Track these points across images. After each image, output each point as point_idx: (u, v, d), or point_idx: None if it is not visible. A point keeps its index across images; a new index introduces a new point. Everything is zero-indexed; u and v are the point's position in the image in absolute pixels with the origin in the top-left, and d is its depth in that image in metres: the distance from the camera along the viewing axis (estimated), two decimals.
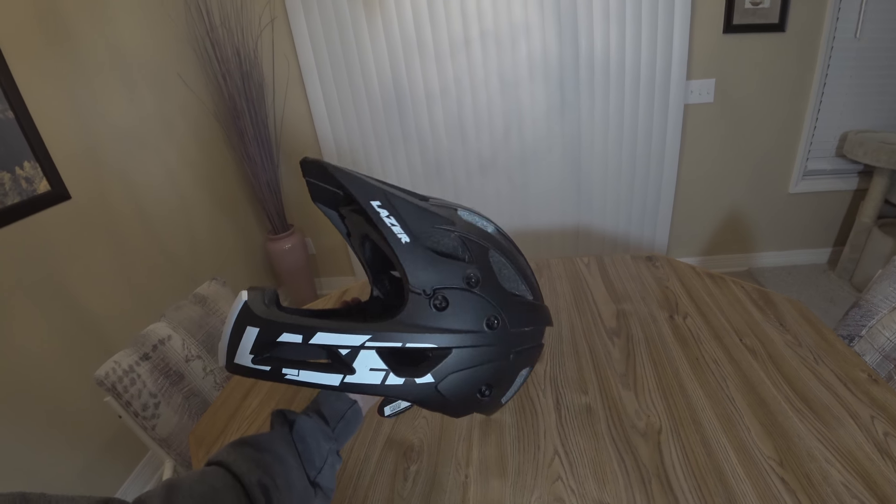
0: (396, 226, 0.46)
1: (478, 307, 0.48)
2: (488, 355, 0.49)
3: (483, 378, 0.50)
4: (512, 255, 0.53)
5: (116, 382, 0.98)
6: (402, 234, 0.46)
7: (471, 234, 0.50)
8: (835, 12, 2.10)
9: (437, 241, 0.48)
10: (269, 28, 2.21)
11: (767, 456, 0.72)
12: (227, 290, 1.32)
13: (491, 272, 0.49)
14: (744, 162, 2.45)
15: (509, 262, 0.52)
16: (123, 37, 1.75)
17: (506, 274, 0.51)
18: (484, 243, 0.50)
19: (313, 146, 2.45)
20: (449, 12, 2.10)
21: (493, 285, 0.49)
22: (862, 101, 2.31)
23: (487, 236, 0.52)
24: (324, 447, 0.50)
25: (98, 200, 1.60)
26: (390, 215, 0.46)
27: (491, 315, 0.49)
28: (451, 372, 0.48)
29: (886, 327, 1.01)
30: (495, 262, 0.50)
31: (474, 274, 0.48)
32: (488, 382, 0.50)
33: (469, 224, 0.52)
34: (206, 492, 0.41)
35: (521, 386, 0.56)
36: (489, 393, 0.51)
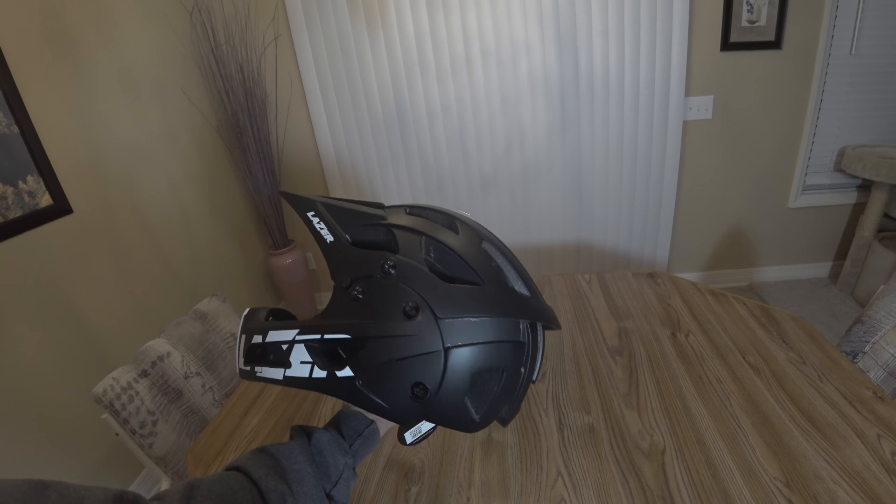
0: (324, 228, 0.49)
1: (394, 295, 0.45)
2: (410, 347, 0.45)
3: (409, 374, 0.46)
4: (465, 241, 0.49)
5: (114, 399, 0.97)
6: (328, 234, 0.49)
7: (408, 224, 0.48)
8: (830, 29, 2.13)
9: (361, 236, 0.49)
10: (272, 45, 2.23)
11: (774, 477, 0.71)
12: (228, 306, 1.32)
13: (419, 259, 0.46)
14: (743, 177, 2.46)
15: (454, 247, 0.47)
16: (129, 52, 1.78)
17: (450, 261, 0.47)
18: (422, 230, 0.48)
19: (315, 162, 2.47)
20: (450, 31, 2.13)
21: (417, 272, 0.46)
22: (859, 116, 2.33)
23: (433, 227, 0.49)
24: (340, 461, 0.51)
25: (100, 215, 1.60)
26: (320, 221, 0.49)
27: (408, 303, 0.45)
28: (369, 365, 0.46)
29: (890, 343, 1.01)
30: (434, 248, 0.47)
31: (393, 261, 0.46)
32: (419, 380, 0.45)
33: (414, 218, 0.50)
34: (225, 493, 0.42)
35: (509, 400, 0.50)
36: (425, 394, 0.46)
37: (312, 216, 0.49)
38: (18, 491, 0.30)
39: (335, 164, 2.43)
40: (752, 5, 2.08)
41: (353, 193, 2.49)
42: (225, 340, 1.26)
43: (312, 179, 2.52)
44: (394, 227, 0.48)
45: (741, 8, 2.09)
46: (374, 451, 0.83)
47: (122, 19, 1.75)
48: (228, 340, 1.27)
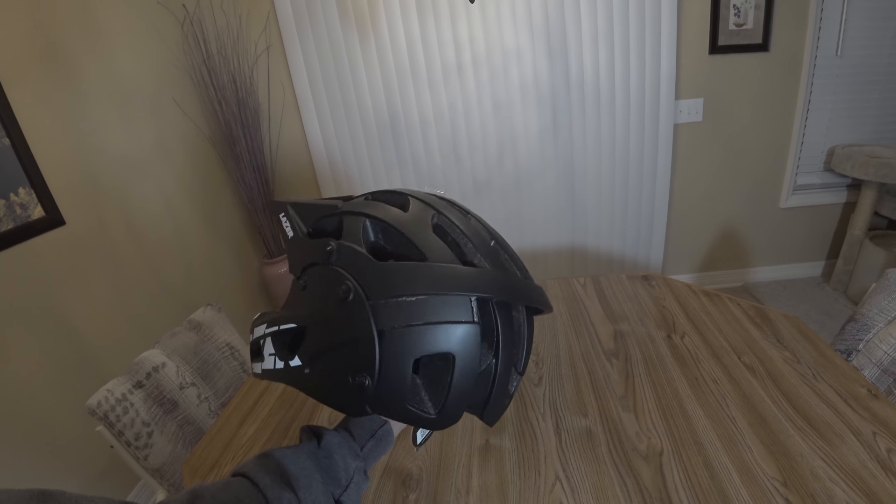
0: (289, 226, 0.50)
1: (332, 279, 0.43)
2: (343, 333, 0.42)
3: (346, 360, 0.43)
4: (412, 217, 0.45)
5: (109, 411, 0.96)
6: (289, 230, 0.50)
7: (356, 209, 0.46)
8: (815, 32, 2.16)
9: (318, 227, 0.49)
10: (264, 55, 2.24)
11: (771, 476, 0.71)
12: (223, 315, 1.31)
13: (359, 241, 0.44)
14: (735, 178, 2.48)
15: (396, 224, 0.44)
16: (121, 64, 1.77)
17: (396, 239, 0.45)
18: (365, 212, 0.46)
19: (309, 171, 2.47)
20: (441, 39, 2.14)
21: (353, 254, 0.43)
22: (847, 116, 2.36)
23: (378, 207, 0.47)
24: (350, 465, 0.50)
25: (93, 226, 1.59)
26: (287, 220, 0.50)
27: (342, 286, 0.42)
28: (313, 353, 0.45)
29: (883, 341, 1.02)
30: (381, 229, 0.45)
31: (333, 246, 0.44)
32: (357, 366, 0.42)
33: (368, 202, 0.48)
34: (230, 501, 0.41)
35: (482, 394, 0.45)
36: (365, 382, 0.42)
37: (282, 216, 0.51)
38: (21, 501, 0.30)
39: (329, 173, 2.43)
40: (739, 9, 2.11)
41: None
42: (220, 350, 1.26)
43: (307, 188, 2.52)
44: (343, 214, 0.47)
45: (728, 11, 2.11)
46: None
47: (114, 31, 1.75)
48: (224, 350, 1.27)
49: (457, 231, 0.45)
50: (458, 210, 0.48)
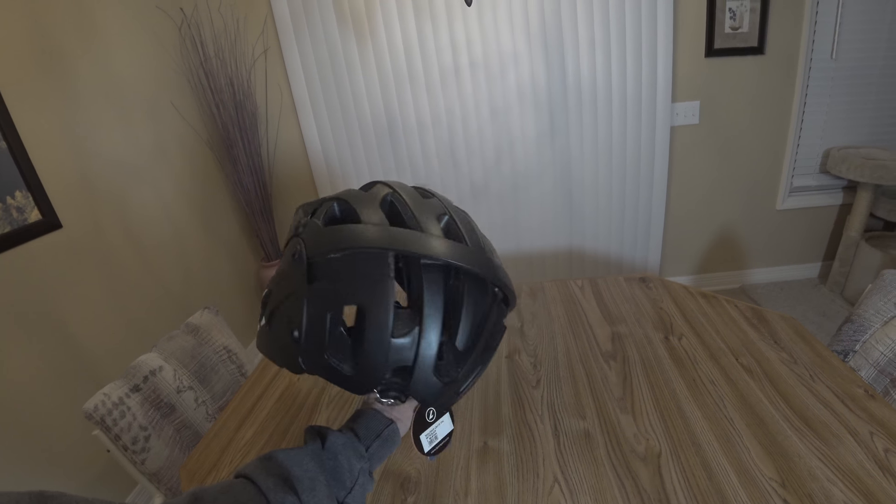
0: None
1: (292, 245, 0.49)
2: (288, 287, 0.46)
3: (287, 315, 0.46)
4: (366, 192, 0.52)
5: (105, 415, 0.96)
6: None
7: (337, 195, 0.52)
8: (811, 35, 2.17)
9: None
10: (262, 58, 2.24)
11: (769, 477, 0.71)
12: (220, 319, 1.31)
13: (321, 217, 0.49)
14: (731, 180, 2.48)
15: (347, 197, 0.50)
16: (118, 67, 1.77)
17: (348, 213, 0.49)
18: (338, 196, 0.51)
19: (306, 174, 2.47)
20: (438, 43, 2.15)
21: (312, 224, 0.48)
22: (842, 118, 2.37)
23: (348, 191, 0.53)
24: (355, 466, 0.49)
25: (90, 229, 1.59)
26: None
27: (295, 247, 0.47)
28: (271, 310, 0.48)
29: (880, 342, 1.02)
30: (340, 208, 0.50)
31: (303, 221, 0.50)
32: (292, 320, 0.45)
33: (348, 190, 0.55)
34: None
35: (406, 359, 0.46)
36: (295, 334, 0.45)
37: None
38: (21, 502, 0.30)
39: (326, 177, 2.43)
40: (735, 12, 2.12)
41: None
42: (217, 353, 1.26)
43: (304, 192, 2.52)
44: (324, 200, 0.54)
45: (724, 15, 2.12)
46: None
47: (111, 34, 1.75)
48: (221, 353, 1.26)
49: (405, 205, 0.48)
50: (421, 192, 0.52)
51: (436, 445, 0.55)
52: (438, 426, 0.55)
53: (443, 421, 0.56)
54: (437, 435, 0.55)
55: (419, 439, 0.54)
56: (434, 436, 0.55)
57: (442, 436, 0.56)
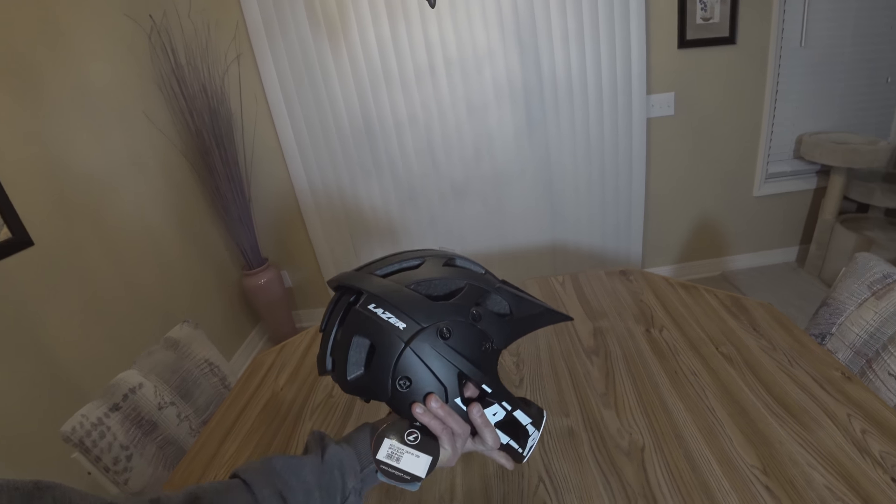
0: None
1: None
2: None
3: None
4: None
5: (84, 437, 0.94)
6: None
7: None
8: (780, 24, 2.20)
9: None
10: (235, 64, 2.21)
11: (751, 465, 0.72)
12: (200, 332, 1.29)
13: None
14: (709, 169, 2.51)
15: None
16: (87, 77, 1.73)
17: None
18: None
19: (285, 179, 2.44)
20: (413, 42, 2.13)
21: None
22: (813, 104, 2.41)
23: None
24: (348, 485, 0.50)
25: (64, 245, 1.55)
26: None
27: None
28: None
29: (855, 324, 1.04)
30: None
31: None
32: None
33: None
34: None
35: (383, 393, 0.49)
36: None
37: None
38: (24, 487, 0.33)
39: (305, 181, 2.41)
40: (706, 3, 2.14)
41: (324, 209, 2.47)
42: (199, 367, 1.24)
43: (283, 198, 2.49)
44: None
45: (695, 6, 2.14)
46: None
47: (78, 44, 1.71)
48: (203, 367, 1.24)
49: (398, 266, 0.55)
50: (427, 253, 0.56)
51: (392, 469, 0.48)
52: (410, 456, 0.49)
53: (419, 456, 0.49)
54: (399, 459, 0.48)
55: (382, 440, 0.49)
56: (396, 457, 0.48)
57: (404, 468, 0.48)
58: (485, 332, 0.50)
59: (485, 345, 0.50)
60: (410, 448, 0.48)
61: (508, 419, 0.54)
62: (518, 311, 0.54)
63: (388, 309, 0.48)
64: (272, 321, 2.57)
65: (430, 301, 0.49)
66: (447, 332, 0.48)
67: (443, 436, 0.49)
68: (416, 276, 0.51)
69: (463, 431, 0.51)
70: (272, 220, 2.54)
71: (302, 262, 2.67)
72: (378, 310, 0.48)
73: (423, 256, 0.55)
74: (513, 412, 0.54)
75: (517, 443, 0.56)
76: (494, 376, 0.52)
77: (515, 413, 0.54)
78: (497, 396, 0.52)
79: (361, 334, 0.49)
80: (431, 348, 0.48)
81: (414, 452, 0.48)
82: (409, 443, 0.49)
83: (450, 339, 0.49)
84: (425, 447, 0.49)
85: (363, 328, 0.48)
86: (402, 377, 0.48)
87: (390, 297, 0.48)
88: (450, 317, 0.49)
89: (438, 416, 0.49)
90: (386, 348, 0.48)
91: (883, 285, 1.02)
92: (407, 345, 0.47)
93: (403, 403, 0.49)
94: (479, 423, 0.51)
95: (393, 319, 0.48)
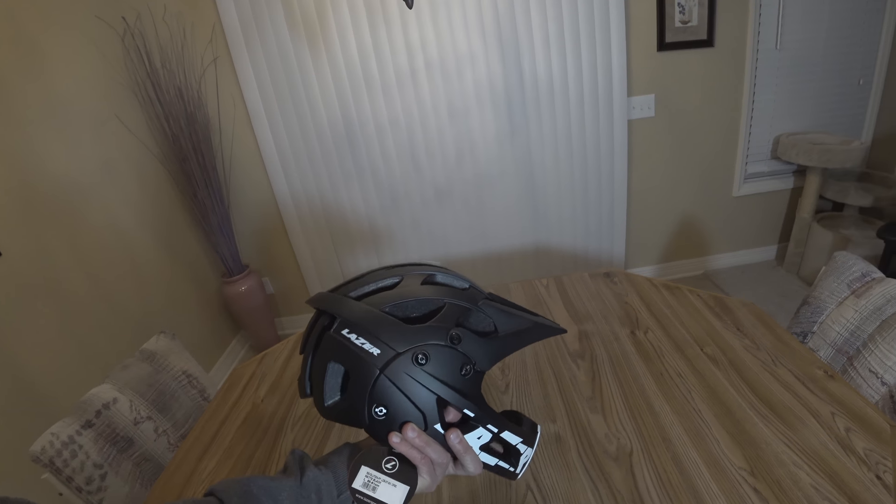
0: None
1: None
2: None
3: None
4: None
5: (55, 456, 0.90)
6: None
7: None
8: (756, 27, 2.24)
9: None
10: (212, 67, 2.17)
11: (738, 467, 0.72)
12: (177, 343, 1.25)
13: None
14: (689, 170, 2.54)
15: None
16: (55, 81, 1.68)
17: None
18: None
19: (265, 185, 2.40)
20: (393, 45, 2.12)
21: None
22: (789, 105, 2.46)
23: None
24: None
25: (33, 255, 1.50)
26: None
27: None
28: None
29: (836, 322, 1.05)
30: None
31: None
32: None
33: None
34: None
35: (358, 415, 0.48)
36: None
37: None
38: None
39: (286, 186, 2.37)
40: (684, 6, 2.17)
41: (305, 215, 2.44)
42: (177, 380, 1.20)
43: (263, 204, 2.45)
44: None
45: (673, 9, 2.17)
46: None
47: (45, 47, 1.66)
48: (181, 379, 1.21)
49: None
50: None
51: (367, 499, 0.46)
52: (387, 486, 0.47)
53: (396, 485, 0.47)
54: (375, 489, 0.46)
55: (359, 468, 0.47)
56: (373, 486, 0.47)
57: (380, 497, 0.46)
58: (465, 355, 0.48)
59: (465, 367, 0.48)
60: (387, 477, 0.47)
61: (496, 440, 0.53)
62: (504, 328, 0.51)
63: (362, 334, 0.46)
64: (254, 329, 2.52)
65: (404, 325, 0.47)
66: (423, 357, 0.47)
67: (421, 465, 0.48)
68: (392, 296, 0.49)
69: (443, 460, 0.49)
70: (253, 227, 2.50)
71: (284, 268, 2.62)
72: (352, 335, 0.47)
73: (402, 274, 0.52)
74: (500, 433, 0.52)
75: (507, 462, 0.54)
76: (478, 399, 0.50)
77: (503, 434, 0.52)
78: (481, 420, 0.50)
79: (336, 360, 0.47)
80: (407, 374, 0.46)
81: (391, 481, 0.47)
82: (387, 471, 0.47)
83: (426, 365, 0.47)
84: (403, 476, 0.47)
85: (338, 354, 0.47)
86: (378, 404, 0.47)
87: (363, 322, 0.47)
88: (426, 340, 0.47)
89: (416, 446, 0.47)
90: (360, 375, 0.46)
91: (862, 283, 1.03)
92: (381, 372, 0.46)
93: (381, 430, 0.48)
94: (458, 450, 0.49)
95: (367, 345, 0.46)
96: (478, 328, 0.51)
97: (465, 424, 0.51)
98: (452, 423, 0.51)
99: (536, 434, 0.55)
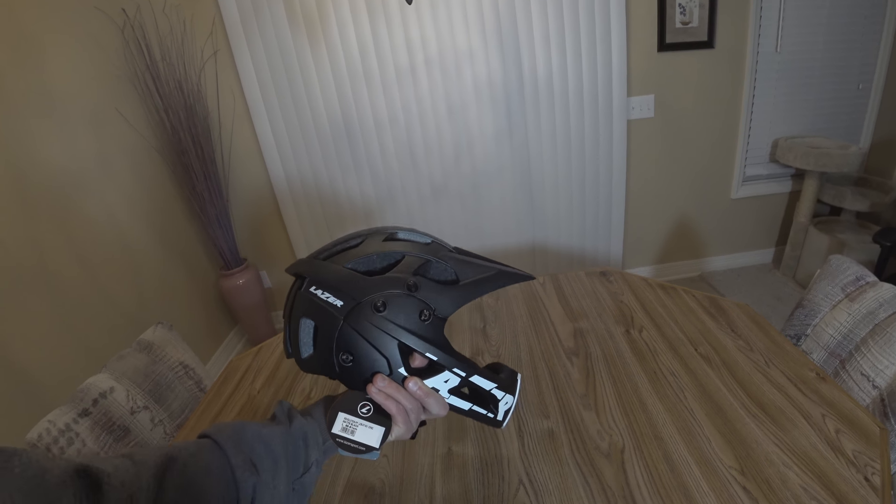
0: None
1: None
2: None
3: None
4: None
5: (51, 444, 0.90)
6: None
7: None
8: (756, 29, 2.24)
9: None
10: (212, 61, 2.16)
11: (729, 466, 0.73)
12: (174, 334, 1.25)
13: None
14: (687, 172, 2.55)
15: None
16: (53, 73, 1.68)
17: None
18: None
19: (263, 178, 2.40)
20: (393, 41, 2.12)
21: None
22: (788, 109, 2.46)
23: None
24: (311, 455, 0.52)
25: (29, 248, 1.49)
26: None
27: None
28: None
29: (829, 325, 1.06)
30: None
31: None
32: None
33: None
34: (200, 472, 0.44)
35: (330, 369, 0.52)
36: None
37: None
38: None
39: (284, 180, 2.37)
40: (684, 7, 2.17)
41: (303, 208, 2.44)
42: (173, 370, 1.20)
43: (261, 198, 2.45)
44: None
45: (674, 10, 2.17)
46: (333, 475, 0.80)
47: (42, 39, 1.65)
48: (177, 370, 1.21)
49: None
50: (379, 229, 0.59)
51: (347, 441, 0.50)
52: (364, 428, 0.50)
53: (372, 427, 0.50)
54: (353, 432, 0.50)
55: (336, 414, 0.50)
56: (351, 430, 0.50)
57: (359, 440, 0.50)
58: (424, 301, 0.51)
59: (424, 313, 0.51)
60: (364, 420, 0.50)
61: (465, 385, 0.55)
62: (465, 276, 0.54)
63: (327, 289, 0.51)
64: (250, 323, 2.52)
65: (364, 277, 0.51)
66: (382, 305, 0.50)
67: (396, 414, 0.51)
68: (355, 254, 0.53)
69: (412, 405, 0.52)
70: (251, 220, 2.50)
71: (281, 262, 2.63)
72: (318, 291, 0.51)
73: (365, 235, 0.57)
74: (469, 378, 0.54)
75: (484, 408, 0.56)
76: (442, 344, 0.52)
77: (473, 378, 0.54)
78: (446, 363, 0.52)
79: (307, 316, 0.52)
80: (368, 322, 0.50)
81: (367, 424, 0.50)
82: (363, 415, 0.50)
83: (385, 312, 0.50)
84: (378, 419, 0.51)
85: (308, 310, 0.51)
86: (344, 352, 0.50)
87: (327, 278, 0.51)
88: (384, 289, 0.50)
89: (387, 393, 0.51)
90: (326, 327, 0.51)
91: (856, 287, 1.04)
92: (344, 321, 0.50)
93: (352, 377, 0.52)
94: (418, 395, 0.52)
95: (331, 298, 0.50)
96: (438, 278, 0.53)
97: (431, 370, 0.53)
98: (421, 368, 0.54)
99: (516, 382, 0.57)
